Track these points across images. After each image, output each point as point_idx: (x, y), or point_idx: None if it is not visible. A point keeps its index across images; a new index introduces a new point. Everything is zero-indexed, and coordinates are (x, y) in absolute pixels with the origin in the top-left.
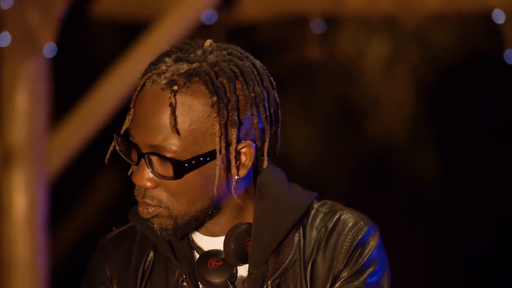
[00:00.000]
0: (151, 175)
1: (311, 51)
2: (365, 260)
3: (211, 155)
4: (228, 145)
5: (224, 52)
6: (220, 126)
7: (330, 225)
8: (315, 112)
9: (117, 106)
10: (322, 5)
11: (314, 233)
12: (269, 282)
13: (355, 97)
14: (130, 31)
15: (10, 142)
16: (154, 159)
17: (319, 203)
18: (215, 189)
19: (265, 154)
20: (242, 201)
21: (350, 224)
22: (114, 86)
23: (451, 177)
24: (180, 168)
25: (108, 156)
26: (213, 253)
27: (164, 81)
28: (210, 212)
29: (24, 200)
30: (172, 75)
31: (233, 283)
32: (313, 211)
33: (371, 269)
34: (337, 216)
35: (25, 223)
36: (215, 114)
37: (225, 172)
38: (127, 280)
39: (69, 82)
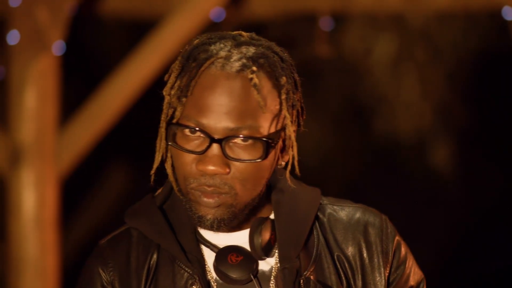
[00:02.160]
0: (225, 160)
1: (320, 49)
2: (403, 255)
3: (278, 136)
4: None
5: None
6: (287, 107)
7: (360, 225)
8: (322, 109)
9: (126, 104)
10: (330, 2)
11: (336, 230)
12: (303, 276)
13: (363, 95)
14: (139, 29)
15: (19, 140)
16: (227, 142)
17: (327, 198)
18: (270, 172)
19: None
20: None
21: (378, 220)
22: (123, 84)
23: (459, 174)
24: (269, 147)
25: (164, 150)
26: (230, 249)
27: (237, 64)
28: (256, 200)
29: (33, 198)
30: (241, 58)
31: (256, 277)
32: (326, 207)
33: (408, 261)
34: (359, 214)
35: (35, 221)
36: (284, 96)
37: (283, 154)
38: (130, 284)
39: (78, 80)
